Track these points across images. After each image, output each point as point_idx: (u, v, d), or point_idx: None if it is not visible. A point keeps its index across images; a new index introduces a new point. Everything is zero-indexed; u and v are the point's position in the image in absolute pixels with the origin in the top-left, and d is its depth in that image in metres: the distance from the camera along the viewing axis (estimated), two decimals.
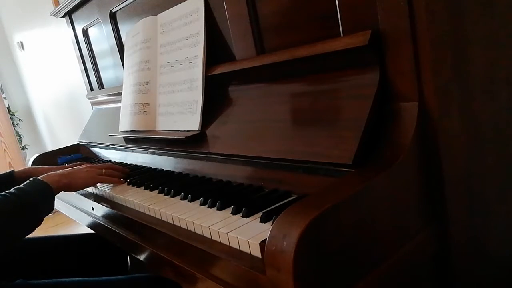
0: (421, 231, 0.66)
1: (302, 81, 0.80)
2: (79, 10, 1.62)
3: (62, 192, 1.00)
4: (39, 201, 0.89)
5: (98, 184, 1.15)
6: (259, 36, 0.91)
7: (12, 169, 1.23)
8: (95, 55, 1.67)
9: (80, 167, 1.11)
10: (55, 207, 1.40)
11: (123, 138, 1.36)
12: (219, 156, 0.95)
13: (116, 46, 1.46)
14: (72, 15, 1.69)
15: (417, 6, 0.61)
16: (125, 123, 1.29)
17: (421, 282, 0.68)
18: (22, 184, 0.90)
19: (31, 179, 0.93)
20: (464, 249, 0.71)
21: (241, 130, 0.90)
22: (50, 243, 1.17)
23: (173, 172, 1.13)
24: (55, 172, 1.02)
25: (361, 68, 0.69)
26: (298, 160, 0.74)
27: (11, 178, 1.16)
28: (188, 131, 1.03)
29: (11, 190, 0.88)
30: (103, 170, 1.11)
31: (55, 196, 0.95)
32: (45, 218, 0.90)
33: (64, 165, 1.33)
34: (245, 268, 0.59)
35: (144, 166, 1.26)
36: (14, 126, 3.65)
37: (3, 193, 0.86)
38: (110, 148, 1.52)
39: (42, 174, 0.97)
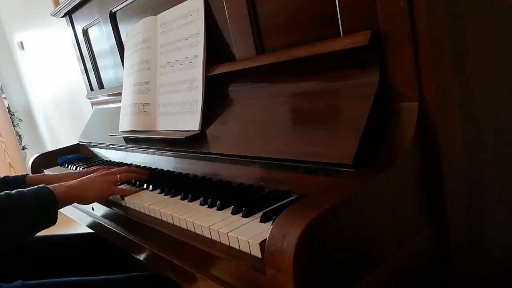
0: (421, 231, 0.66)
1: (302, 81, 0.80)
2: (79, 10, 1.62)
3: None
4: (34, 209, 0.83)
5: None
6: (259, 36, 0.91)
7: (26, 173, 1.18)
8: (95, 55, 1.67)
9: (93, 175, 1.00)
10: None
11: (123, 138, 1.36)
12: (219, 156, 0.95)
13: (116, 46, 1.46)
14: (72, 15, 1.69)
15: (417, 6, 0.61)
16: (125, 123, 1.29)
17: (421, 282, 0.68)
18: (27, 188, 0.86)
19: (40, 185, 0.88)
20: (464, 249, 0.71)
21: (241, 130, 0.90)
22: (49, 242, 1.17)
23: (173, 172, 1.13)
24: (67, 182, 0.95)
25: (361, 68, 0.69)
26: (298, 160, 0.74)
27: (21, 182, 1.11)
28: (188, 131, 1.03)
29: (13, 191, 0.84)
30: (118, 177, 1.02)
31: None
32: None
33: (78, 172, 1.21)
34: (245, 268, 0.59)
35: (144, 166, 1.26)
36: (14, 126, 3.65)
37: (2, 193, 0.83)
38: (110, 148, 1.52)
39: (56, 183, 0.92)
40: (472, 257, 0.73)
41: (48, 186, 0.89)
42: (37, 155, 1.73)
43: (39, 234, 0.90)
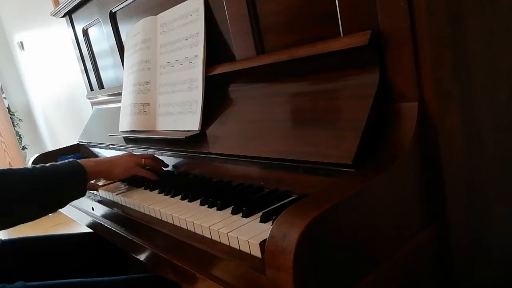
0: (421, 231, 0.66)
1: (302, 81, 0.80)
2: (79, 10, 1.62)
3: None
4: (67, 181, 0.92)
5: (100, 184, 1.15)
6: (259, 36, 0.91)
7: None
8: (95, 55, 1.67)
9: (120, 154, 1.10)
10: None
11: (123, 138, 1.35)
12: (219, 156, 0.95)
13: (116, 46, 1.46)
14: (72, 15, 1.69)
15: (417, 6, 0.61)
16: (125, 123, 1.29)
17: (421, 282, 0.68)
18: (59, 162, 0.95)
19: (70, 160, 0.97)
20: (464, 249, 0.71)
21: (241, 130, 0.90)
22: (49, 243, 1.17)
23: (173, 172, 1.13)
24: (95, 158, 1.05)
25: (361, 68, 0.69)
26: (298, 160, 0.74)
27: None
28: (188, 131, 1.03)
29: (47, 164, 0.92)
30: (143, 160, 1.09)
31: None
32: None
33: None
34: (245, 268, 0.59)
35: None
36: (14, 126, 3.65)
37: (31, 166, 0.92)
38: (110, 148, 1.52)
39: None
40: (472, 257, 0.73)
41: (78, 160, 0.98)
42: (37, 155, 1.73)
43: (38, 233, 0.91)
